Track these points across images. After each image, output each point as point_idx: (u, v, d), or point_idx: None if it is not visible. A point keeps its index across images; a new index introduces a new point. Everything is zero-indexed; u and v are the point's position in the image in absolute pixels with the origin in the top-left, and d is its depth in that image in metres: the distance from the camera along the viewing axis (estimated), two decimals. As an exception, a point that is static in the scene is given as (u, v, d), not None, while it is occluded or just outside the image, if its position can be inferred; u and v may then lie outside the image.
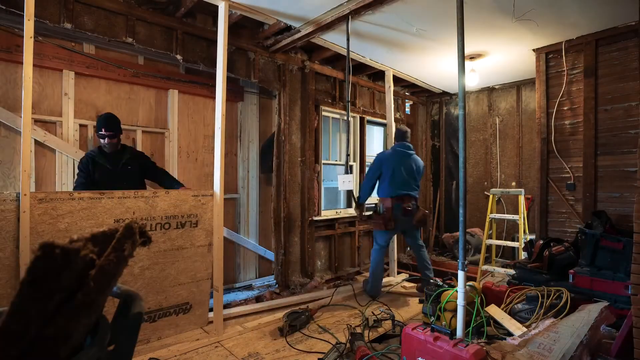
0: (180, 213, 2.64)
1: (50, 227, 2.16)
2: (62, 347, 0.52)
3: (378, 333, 2.72)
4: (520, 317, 2.56)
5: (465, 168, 2.22)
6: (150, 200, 2.52)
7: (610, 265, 2.70)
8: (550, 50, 3.70)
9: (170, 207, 2.60)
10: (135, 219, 2.40)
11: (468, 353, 1.71)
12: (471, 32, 3.33)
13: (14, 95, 2.65)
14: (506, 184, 5.07)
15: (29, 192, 2.06)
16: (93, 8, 2.84)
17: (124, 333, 0.71)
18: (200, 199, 2.73)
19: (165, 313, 2.60)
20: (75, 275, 0.54)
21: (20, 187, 2.06)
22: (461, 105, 2.22)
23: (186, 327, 2.71)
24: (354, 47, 3.78)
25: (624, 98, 3.27)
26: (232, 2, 2.83)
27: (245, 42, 3.72)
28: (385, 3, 2.83)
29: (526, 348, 1.88)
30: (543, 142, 3.76)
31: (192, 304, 2.73)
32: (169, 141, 3.41)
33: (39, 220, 2.11)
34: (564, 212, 3.63)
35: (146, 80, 3.25)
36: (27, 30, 2.05)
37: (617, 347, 2.06)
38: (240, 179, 3.96)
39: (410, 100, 5.93)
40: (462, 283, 2.14)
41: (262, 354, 2.42)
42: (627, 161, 3.24)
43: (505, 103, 5.14)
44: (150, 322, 2.51)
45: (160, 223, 2.55)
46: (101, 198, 2.32)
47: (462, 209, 2.20)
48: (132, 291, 0.77)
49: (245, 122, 3.99)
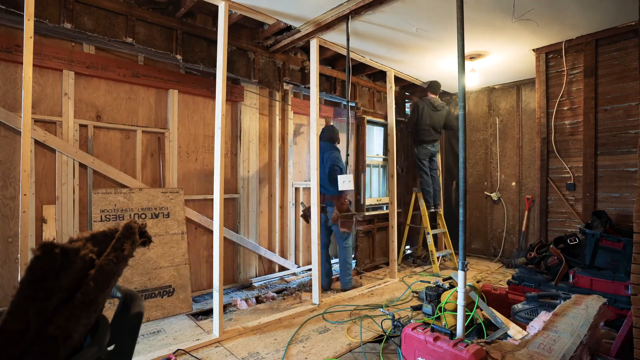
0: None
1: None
2: (62, 347, 0.52)
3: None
4: (520, 317, 2.56)
5: (465, 168, 2.22)
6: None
7: (610, 265, 2.70)
8: (550, 50, 3.70)
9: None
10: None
11: (468, 353, 1.71)
12: (471, 32, 3.33)
13: (14, 95, 2.65)
14: (506, 184, 5.07)
15: (28, 192, 2.06)
16: (93, 8, 2.84)
17: (124, 333, 0.71)
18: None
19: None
20: (75, 275, 0.54)
21: (20, 187, 2.06)
22: (461, 105, 2.22)
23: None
24: (354, 47, 3.78)
25: (624, 98, 3.28)
26: (232, 2, 2.83)
27: (245, 42, 3.72)
28: (385, 3, 2.83)
29: (526, 348, 1.87)
30: (543, 142, 3.76)
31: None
32: (169, 141, 3.41)
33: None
34: (564, 212, 3.63)
35: (146, 80, 3.25)
36: (27, 30, 2.05)
37: (617, 347, 2.06)
38: (240, 179, 3.96)
39: (410, 100, 5.93)
40: (462, 283, 2.14)
41: (262, 354, 2.42)
42: (627, 161, 3.24)
43: (505, 103, 5.14)
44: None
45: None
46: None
47: (462, 209, 2.20)
48: (132, 291, 0.77)
49: (245, 122, 3.99)
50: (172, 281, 3.10)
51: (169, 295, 3.06)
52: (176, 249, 3.20)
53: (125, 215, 3.00)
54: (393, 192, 4.31)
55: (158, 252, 3.09)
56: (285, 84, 4.23)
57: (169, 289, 3.08)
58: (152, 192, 3.17)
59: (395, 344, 2.52)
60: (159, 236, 3.13)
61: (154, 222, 3.12)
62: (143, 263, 2.99)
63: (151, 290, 2.98)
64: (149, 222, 3.08)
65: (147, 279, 2.98)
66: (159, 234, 3.13)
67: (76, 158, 2.89)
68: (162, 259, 3.10)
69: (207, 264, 3.67)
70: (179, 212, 3.27)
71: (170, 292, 3.08)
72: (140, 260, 2.98)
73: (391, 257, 4.27)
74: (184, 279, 3.18)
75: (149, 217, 3.11)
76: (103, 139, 3.09)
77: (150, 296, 2.97)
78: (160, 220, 3.16)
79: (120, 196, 3.00)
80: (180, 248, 3.22)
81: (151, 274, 3.01)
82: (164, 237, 3.15)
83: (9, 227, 2.65)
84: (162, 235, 3.15)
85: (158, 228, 3.13)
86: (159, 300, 3.01)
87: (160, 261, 3.09)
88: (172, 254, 3.16)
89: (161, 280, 3.05)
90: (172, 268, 3.13)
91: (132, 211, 3.04)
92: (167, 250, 3.14)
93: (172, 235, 3.19)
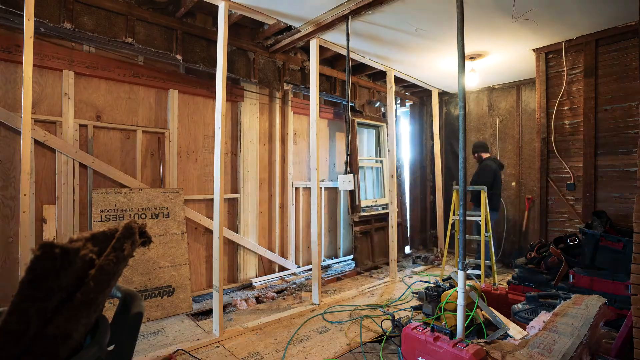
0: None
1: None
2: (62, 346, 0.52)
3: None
4: (520, 317, 2.56)
5: (465, 168, 2.22)
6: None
7: (610, 265, 2.70)
8: (550, 50, 3.70)
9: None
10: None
11: (468, 353, 1.71)
12: (471, 32, 3.33)
13: (14, 95, 2.65)
14: (506, 184, 5.07)
15: (28, 192, 2.06)
16: (93, 8, 2.84)
17: (124, 333, 0.71)
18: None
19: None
20: (75, 275, 0.54)
21: (20, 187, 2.06)
22: (461, 105, 2.22)
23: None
24: (354, 47, 3.78)
25: (624, 98, 3.27)
26: (232, 2, 2.83)
27: (245, 42, 3.72)
28: (385, 3, 2.83)
29: (526, 348, 1.87)
30: (543, 142, 3.76)
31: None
32: (169, 141, 3.41)
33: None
34: (564, 212, 3.63)
35: (146, 80, 3.25)
36: (27, 30, 2.06)
37: (617, 347, 2.06)
38: (240, 179, 3.96)
39: (410, 100, 5.93)
40: (462, 283, 2.14)
41: (262, 354, 2.42)
42: (627, 161, 3.24)
43: (505, 103, 5.14)
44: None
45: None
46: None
47: (462, 209, 2.20)
48: (132, 291, 0.77)
49: (245, 122, 3.99)
50: (172, 281, 3.11)
51: (169, 295, 3.07)
52: (176, 249, 3.20)
53: (125, 215, 3.00)
54: (393, 192, 4.31)
55: (158, 252, 3.09)
56: (285, 84, 4.22)
57: (169, 289, 3.08)
58: (152, 192, 3.18)
59: (395, 344, 2.52)
60: (159, 236, 3.13)
61: (154, 222, 3.13)
62: (143, 263, 3.00)
63: (151, 290, 2.99)
64: (149, 222, 3.09)
65: (147, 279, 2.99)
66: (159, 234, 3.13)
67: (76, 158, 2.89)
68: (162, 259, 3.10)
69: (207, 264, 3.67)
70: (179, 212, 3.27)
71: (170, 292, 3.08)
72: (140, 260, 2.98)
73: (391, 257, 4.27)
74: (183, 279, 3.18)
75: (149, 217, 3.11)
76: (103, 139, 3.09)
77: (150, 296, 2.97)
78: (160, 220, 3.16)
79: (120, 196, 3.01)
80: (180, 248, 3.22)
81: (151, 274, 3.02)
82: (164, 237, 3.16)
83: (9, 227, 2.65)
84: (162, 235, 3.15)
85: (158, 228, 3.14)
86: (159, 300, 3.01)
87: (160, 261, 3.09)
88: (172, 254, 3.16)
89: (161, 280, 3.05)
90: (172, 268, 3.14)
91: (132, 211, 3.04)
92: (167, 250, 3.14)
93: (172, 235, 3.20)
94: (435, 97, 5.47)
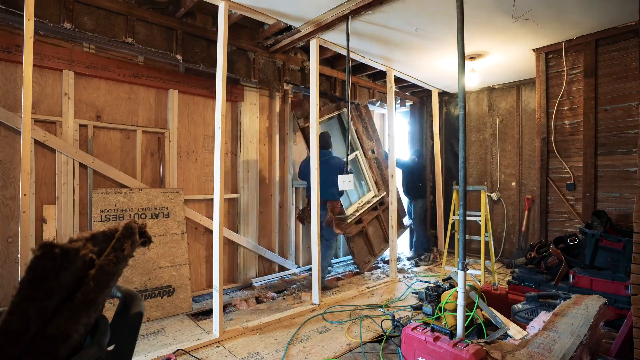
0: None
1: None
2: (62, 346, 0.52)
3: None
4: (520, 317, 2.56)
5: (465, 168, 2.22)
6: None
7: (610, 265, 2.70)
8: (550, 50, 3.70)
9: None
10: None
11: (468, 353, 1.71)
12: (471, 32, 3.33)
13: (14, 95, 2.65)
14: (506, 184, 5.07)
15: (28, 192, 2.06)
16: (93, 8, 2.84)
17: (124, 333, 0.71)
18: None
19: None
20: (75, 275, 0.54)
21: (20, 187, 2.06)
22: (461, 105, 2.22)
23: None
24: (354, 47, 3.78)
25: (624, 98, 3.28)
26: (232, 2, 2.83)
27: (245, 42, 3.72)
28: (385, 3, 2.83)
29: (526, 348, 1.87)
30: (543, 142, 3.76)
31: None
32: (169, 141, 3.41)
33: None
34: (564, 212, 3.63)
35: (146, 80, 3.25)
36: (27, 30, 2.05)
37: (617, 347, 2.06)
38: (240, 179, 3.96)
39: (410, 100, 5.93)
40: (462, 283, 2.14)
41: (262, 354, 2.42)
42: (627, 161, 3.24)
43: (505, 103, 5.14)
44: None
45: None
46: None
47: (462, 209, 2.20)
48: (132, 291, 0.77)
49: (245, 122, 3.99)
50: (172, 281, 3.11)
51: (169, 295, 3.07)
52: (176, 249, 3.21)
53: (125, 215, 3.00)
54: (393, 192, 4.30)
55: (158, 252, 3.10)
56: (285, 84, 4.22)
57: (169, 289, 3.09)
58: (152, 192, 3.18)
59: (395, 344, 2.52)
60: (159, 236, 3.13)
61: (154, 222, 3.13)
62: (143, 263, 3.00)
63: (151, 290, 2.99)
64: (149, 222, 3.09)
65: (147, 279, 2.99)
66: (159, 234, 3.14)
67: (76, 158, 2.89)
68: (162, 259, 3.11)
69: (207, 264, 3.67)
70: (179, 212, 3.27)
71: (170, 292, 3.09)
72: (140, 260, 2.98)
73: (391, 257, 4.27)
74: (183, 279, 3.18)
75: (149, 217, 3.12)
76: (103, 139, 3.09)
77: (150, 296, 2.97)
78: (160, 220, 3.17)
79: (120, 196, 3.02)
80: (180, 248, 3.23)
81: (151, 274, 3.02)
82: (164, 237, 3.16)
83: (9, 227, 2.65)
84: (162, 235, 3.15)
85: (158, 228, 3.15)
86: (159, 300, 3.01)
87: (160, 261, 3.10)
88: (172, 254, 3.17)
89: (161, 280, 3.06)
90: (172, 268, 3.14)
91: (132, 211, 3.05)
92: (167, 250, 3.15)
93: (172, 235, 3.21)
94: (435, 97, 5.48)
